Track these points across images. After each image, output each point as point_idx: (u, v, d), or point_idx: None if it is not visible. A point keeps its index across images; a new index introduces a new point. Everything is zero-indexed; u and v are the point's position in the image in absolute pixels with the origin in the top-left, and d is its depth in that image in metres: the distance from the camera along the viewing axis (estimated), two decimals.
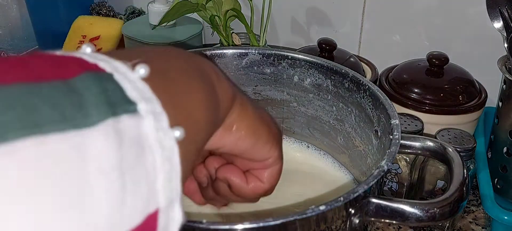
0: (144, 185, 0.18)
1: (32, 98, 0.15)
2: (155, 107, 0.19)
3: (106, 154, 0.17)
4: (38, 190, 0.15)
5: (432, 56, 0.62)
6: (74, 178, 0.16)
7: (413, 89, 0.61)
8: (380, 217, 0.35)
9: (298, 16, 0.79)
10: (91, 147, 0.16)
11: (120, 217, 0.17)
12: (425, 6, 0.71)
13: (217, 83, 0.26)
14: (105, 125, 0.17)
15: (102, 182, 0.16)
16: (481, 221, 0.56)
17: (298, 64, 0.52)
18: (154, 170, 0.18)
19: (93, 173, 0.16)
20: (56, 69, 0.17)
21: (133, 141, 0.18)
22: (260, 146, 0.31)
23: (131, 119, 0.18)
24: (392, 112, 0.42)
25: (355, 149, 0.50)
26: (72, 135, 0.16)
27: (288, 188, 0.50)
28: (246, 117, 0.29)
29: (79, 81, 0.17)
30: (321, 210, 0.32)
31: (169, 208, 0.19)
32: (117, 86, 0.18)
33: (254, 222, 0.30)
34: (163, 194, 0.19)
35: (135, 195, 0.17)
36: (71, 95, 0.16)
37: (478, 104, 0.61)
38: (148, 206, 0.18)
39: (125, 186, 0.17)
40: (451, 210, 0.35)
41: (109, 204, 0.16)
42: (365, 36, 0.76)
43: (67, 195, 0.15)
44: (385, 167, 0.36)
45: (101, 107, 0.17)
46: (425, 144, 0.41)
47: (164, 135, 0.19)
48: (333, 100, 0.51)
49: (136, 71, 0.19)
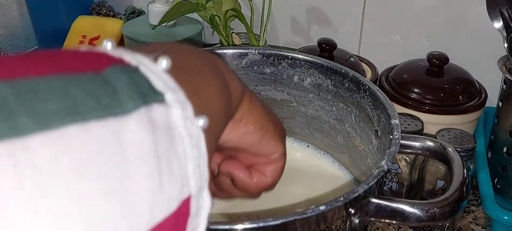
0: (178, 171, 0.18)
1: (72, 88, 0.16)
2: (180, 97, 0.20)
3: (142, 140, 0.17)
4: (85, 175, 0.15)
5: (432, 56, 0.62)
6: (116, 163, 0.16)
7: (413, 89, 0.61)
8: (380, 217, 0.35)
9: (298, 16, 0.79)
10: (129, 133, 0.17)
11: (160, 202, 0.17)
12: (425, 6, 0.71)
13: (228, 78, 0.27)
14: (138, 113, 0.17)
15: (141, 167, 0.17)
16: (481, 221, 0.56)
17: (298, 64, 0.52)
18: (185, 157, 0.19)
19: (133, 159, 0.17)
20: (86, 62, 0.18)
21: (164, 128, 0.18)
22: (266, 140, 0.31)
23: (161, 108, 0.18)
24: (392, 112, 0.42)
25: (355, 149, 0.50)
26: (111, 122, 0.16)
27: (288, 188, 0.50)
28: (254, 112, 0.30)
29: (109, 73, 0.18)
30: (321, 210, 0.32)
31: (199, 194, 0.20)
32: (143, 77, 0.19)
33: (254, 222, 0.30)
34: (194, 180, 0.19)
35: (171, 181, 0.18)
36: (105, 86, 0.17)
37: (478, 104, 0.61)
38: (182, 192, 0.19)
39: (161, 172, 0.18)
40: (451, 210, 0.35)
41: (148, 190, 0.17)
42: (365, 36, 0.76)
43: (110, 180, 0.16)
44: (385, 167, 0.36)
45: (133, 97, 0.18)
46: (425, 144, 0.41)
47: (191, 123, 0.20)
48: (333, 100, 0.51)
49: (159, 64, 0.20)
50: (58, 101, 0.15)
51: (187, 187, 0.19)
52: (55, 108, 0.15)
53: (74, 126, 0.15)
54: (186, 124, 0.19)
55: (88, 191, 0.15)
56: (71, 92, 0.16)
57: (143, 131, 0.17)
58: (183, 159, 0.19)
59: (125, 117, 0.17)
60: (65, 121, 0.15)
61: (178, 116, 0.19)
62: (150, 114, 0.18)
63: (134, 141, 0.17)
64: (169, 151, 0.18)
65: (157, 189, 0.17)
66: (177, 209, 0.18)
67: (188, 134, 0.19)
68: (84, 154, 0.15)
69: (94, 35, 0.79)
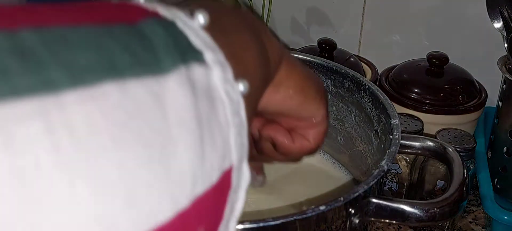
0: (220, 140, 0.17)
1: (106, 40, 0.14)
2: (220, 58, 0.18)
3: (184, 104, 0.16)
4: (125, 140, 0.14)
5: (432, 56, 0.62)
6: (157, 128, 0.15)
7: (413, 89, 0.61)
8: (380, 217, 0.35)
9: (298, 16, 0.79)
10: (169, 95, 0.15)
11: (201, 173, 0.16)
12: (425, 6, 0.71)
13: (266, 40, 0.25)
14: (178, 73, 0.16)
15: (183, 134, 0.15)
16: (481, 221, 0.56)
17: None
18: (226, 124, 0.17)
19: (173, 123, 0.15)
20: (121, 13, 0.16)
21: (204, 91, 0.17)
22: (308, 104, 0.29)
23: (201, 68, 0.17)
24: (392, 112, 0.42)
25: (355, 149, 0.50)
26: (149, 81, 0.15)
27: (288, 188, 0.50)
28: (294, 75, 0.28)
29: (145, 26, 0.16)
30: (321, 210, 0.32)
31: (240, 165, 0.18)
32: (181, 33, 0.17)
33: (254, 222, 0.30)
34: (235, 150, 0.18)
35: (213, 150, 0.17)
36: (141, 40, 0.15)
37: (478, 104, 0.61)
38: (224, 163, 0.17)
39: (203, 140, 0.16)
40: (451, 210, 0.35)
41: (191, 159, 0.15)
42: (365, 36, 0.76)
43: (151, 147, 0.14)
44: (385, 167, 0.36)
45: (172, 53, 0.16)
46: (425, 144, 0.41)
47: (231, 87, 0.18)
48: (333, 100, 0.51)
49: (196, 19, 0.18)
50: (92, 54, 0.13)
51: (228, 158, 0.17)
52: (88, 61, 0.13)
53: (110, 83, 0.13)
54: (226, 88, 0.18)
55: (128, 158, 0.14)
56: (105, 45, 0.14)
57: (184, 93, 0.16)
58: (225, 126, 0.17)
59: (164, 76, 0.15)
60: (100, 77, 0.13)
61: (218, 78, 0.17)
62: (190, 75, 0.16)
63: (175, 104, 0.15)
64: (210, 117, 0.17)
65: (199, 158, 0.16)
66: (219, 181, 0.17)
67: (229, 99, 0.18)
68: (122, 116, 0.14)
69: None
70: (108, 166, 0.13)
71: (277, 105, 0.28)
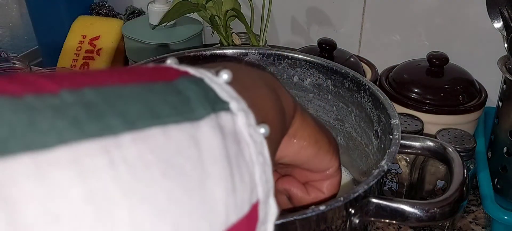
0: (247, 176, 0.19)
1: (150, 95, 0.18)
2: (243, 106, 0.21)
3: (215, 144, 0.18)
4: (169, 174, 0.16)
5: (432, 56, 0.62)
6: (194, 164, 0.17)
7: (413, 89, 0.61)
8: (380, 217, 0.35)
9: (298, 16, 0.79)
10: (203, 137, 0.18)
11: (234, 204, 0.18)
12: (425, 6, 0.71)
13: (280, 93, 0.27)
14: (209, 119, 0.19)
15: (216, 168, 0.18)
16: (481, 221, 0.56)
17: (298, 64, 0.52)
18: (252, 162, 0.20)
19: (208, 160, 0.18)
20: (159, 73, 0.20)
21: (232, 134, 0.19)
22: (321, 155, 0.31)
23: (228, 115, 0.20)
24: (392, 112, 0.42)
25: (355, 149, 0.50)
26: (186, 126, 0.18)
27: None
28: (307, 127, 0.29)
29: (179, 83, 0.19)
30: (321, 210, 0.32)
31: (266, 199, 0.21)
32: (209, 88, 0.20)
33: None
34: (261, 186, 0.20)
35: (242, 184, 0.19)
36: (178, 94, 0.19)
37: (478, 104, 0.61)
38: (252, 197, 0.20)
39: (233, 175, 0.19)
40: (451, 210, 0.35)
41: (224, 191, 0.18)
42: (365, 36, 0.76)
43: (191, 180, 0.17)
44: (385, 167, 0.36)
45: (203, 104, 0.19)
46: (425, 144, 0.41)
47: (254, 130, 0.21)
48: (333, 100, 0.51)
49: (221, 76, 0.21)
50: (140, 106, 0.17)
51: (255, 192, 0.20)
52: (138, 111, 0.17)
53: (156, 128, 0.17)
54: (250, 131, 0.20)
55: (174, 188, 0.16)
56: (150, 99, 0.17)
57: (215, 135, 0.18)
58: (251, 164, 0.20)
59: (198, 122, 0.18)
60: (148, 123, 0.16)
61: (243, 123, 0.20)
62: (219, 121, 0.19)
63: (208, 144, 0.18)
64: (238, 156, 0.19)
65: (231, 191, 0.18)
66: (248, 212, 0.19)
67: (253, 140, 0.20)
68: (166, 153, 0.16)
69: (94, 35, 0.79)
70: (159, 194, 0.16)
71: (292, 156, 0.30)
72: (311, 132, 0.30)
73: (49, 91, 0.15)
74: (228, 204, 0.18)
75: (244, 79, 0.24)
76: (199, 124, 0.18)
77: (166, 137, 0.17)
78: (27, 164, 0.13)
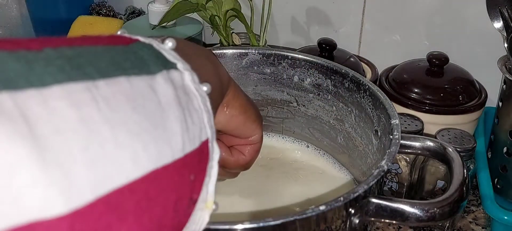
0: (196, 119, 0.24)
1: (113, 53, 0.22)
2: (188, 68, 0.25)
3: (169, 93, 0.23)
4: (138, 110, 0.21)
5: (432, 56, 0.62)
6: (155, 106, 0.22)
7: (413, 89, 0.61)
8: (380, 217, 0.35)
9: (298, 16, 0.79)
10: (159, 87, 0.22)
11: (188, 138, 0.23)
12: (425, 6, 0.71)
13: (219, 66, 0.32)
14: (162, 74, 0.23)
15: (172, 110, 0.22)
16: (481, 221, 0.56)
17: (298, 64, 0.52)
18: (200, 109, 0.25)
19: (165, 104, 0.22)
20: (115, 40, 0.24)
21: (181, 88, 0.24)
22: (249, 124, 0.37)
23: (176, 72, 0.24)
24: (392, 112, 0.42)
25: (355, 149, 0.50)
26: (145, 78, 0.22)
27: (288, 188, 0.50)
28: (239, 98, 0.35)
29: (134, 47, 0.24)
30: (321, 210, 0.32)
31: (212, 139, 0.25)
32: (158, 51, 0.25)
33: (254, 222, 0.30)
34: (208, 127, 0.25)
35: (193, 125, 0.24)
36: (134, 54, 0.23)
37: (478, 104, 0.61)
38: (201, 135, 0.24)
39: (185, 116, 0.23)
40: (451, 210, 0.35)
41: (179, 127, 0.23)
42: (365, 36, 0.76)
43: (154, 116, 0.21)
44: (385, 167, 0.36)
45: (156, 63, 0.24)
46: (425, 144, 0.41)
47: (199, 87, 0.25)
48: (333, 100, 0.51)
49: (166, 44, 0.26)
50: (107, 61, 0.21)
51: (204, 131, 0.25)
52: (106, 64, 0.21)
53: (122, 77, 0.21)
54: (196, 86, 0.25)
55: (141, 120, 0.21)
56: (114, 56, 0.22)
57: (168, 86, 0.23)
58: (199, 111, 0.24)
59: (153, 75, 0.23)
60: (115, 73, 0.21)
61: (189, 79, 0.25)
62: (170, 76, 0.24)
63: (164, 92, 0.23)
64: (188, 103, 0.24)
65: (185, 128, 0.23)
66: (199, 146, 0.24)
67: (199, 94, 0.25)
68: (132, 95, 0.21)
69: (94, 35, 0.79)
70: (131, 124, 0.20)
71: (224, 123, 0.35)
72: (241, 103, 0.35)
73: (35, 49, 0.19)
74: (184, 137, 0.23)
75: (187, 49, 0.28)
76: (155, 77, 0.23)
77: (130, 84, 0.21)
78: (34, 95, 0.17)
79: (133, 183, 0.20)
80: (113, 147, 0.19)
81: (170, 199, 0.22)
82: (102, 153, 0.19)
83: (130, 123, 0.20)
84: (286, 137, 0.57)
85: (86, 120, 0.18)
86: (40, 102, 0.17)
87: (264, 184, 0.51)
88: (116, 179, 0.19)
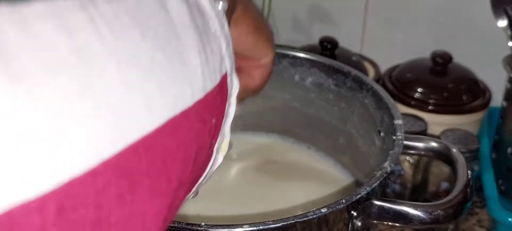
0: (215, 46, 0.20)
1: None
2: None
3: (183, 12, 0.18)
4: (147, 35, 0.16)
5: (436, 55, 0.62)
6: (168, 29, 0.17)
7: (416, 89, 0.61)
8: (383, 220, 0.35)
9: (299, 13, 0.78)
10: (170, 3, 0.18)
11: (208, 72, 0.19)
12: (429, 4, 0.70)
13: None
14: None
15: (188, 36, 0.18)
16: (486, 223, 0.55)
17: (299, 63, 0.51)
18: (218, 35, 0.21)
19: (179, 26, 0.18)
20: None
21: (195, 6, 0.19)
22: (260, 44, 0.33)
23: None
24: (395, 112, 0.42)
25: (357, 150, 0.49)
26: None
27: (289, 190, 0.50)
28: (249, 15, 0.31)
29: None
30: (322, 212, 0.31)
31: (231, 72, 0.21)
32: None
33: (254, 224, 0.30)
34: (227, 58, 0.21)
35: (212, 54, 0.19)
36: None
37: (483, 104, 0.61)
38: (222, 67, 0.20)
39: (204, 44, 0.19)
40: (455, 212, 0.35)
41: (198, 58, 0.18)
42: (367, 35, 0.76)
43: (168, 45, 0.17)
44: (388, 168, 0.36)
45: None
46: (429, 145, 0.41)
47: (215, 3, 0.21)
48: (335, 100, 0.51)
49: None
50: None
51: (224, 64, 0.21)
52: None
53: None
54: (211, 3, 0.21)
55: (154, 51, 0.16)
56: None
57: (181, 3, 0.18)
58: (217, 36, 0.20)
59: None
60: None
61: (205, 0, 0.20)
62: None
63: (177, 11, 0.18)
64: (205, 27, 0.19)
65: (204, 60, 0.19)
66: (220, 82, 0.20)
67: (216, 13, 0.21)
68: (140, 16, 0.16)
69: None
70: (142, 57, 0.16)
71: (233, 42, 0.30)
72: (252, 20, 0.31)
73: None
74: (204, 71, 0.19)
75: None
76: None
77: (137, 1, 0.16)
78: (7, 13, 0.12)
79: (148, 137, 0.15)
80: (121, 89, 0.15)
81: (190, 151, 0.18)
82: (107, 100, 0.14)
83: (141, 57, 0.16)
84: (286, 138, 0.56)
85: (83, 50, 0.14)
86: (15, 23, 0.12)
87: (264, 186, 0.50)
88: (126, 134, 0.15)
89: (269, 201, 0.48)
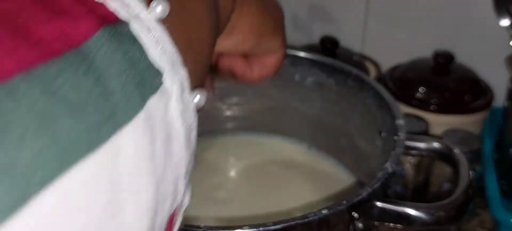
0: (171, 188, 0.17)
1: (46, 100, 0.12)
2: (179, 72, 0.17)
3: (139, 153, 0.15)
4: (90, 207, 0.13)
5: (438, 55, 0.62)
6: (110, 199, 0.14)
7: (418, 89, 0.61)
8: (384, 221, 0.35)
9: (300, 12, 0.78)
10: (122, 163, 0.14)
11: None
12: (431, 4, 0.70)
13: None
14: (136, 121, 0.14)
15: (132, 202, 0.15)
16: (488, 224, 0.55)
17: (300, 62, 0.51)
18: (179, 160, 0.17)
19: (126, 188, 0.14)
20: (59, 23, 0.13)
21: (162, 125, 0.16)
22: (264, 41, 0.30)
23: (159, 100, 0.16)
24: (396, 112, 0.41)
25: (359, 150, 0.49)
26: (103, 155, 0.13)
27: (289, 191, 0.50)
28: (247, 17, 0.28)
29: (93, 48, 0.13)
30: (323, 213, 0.31)
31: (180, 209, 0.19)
32: (138, 47, 0.15)
33: (254, 226, 0.30)
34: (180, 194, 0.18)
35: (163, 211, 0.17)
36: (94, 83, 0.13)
37: (485, 104, 0.61)
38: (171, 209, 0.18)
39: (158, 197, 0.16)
40: (457, 213, 0.35)
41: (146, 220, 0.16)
42: (369, 34, 0.76)
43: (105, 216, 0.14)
44: (389, 169, 0.36)
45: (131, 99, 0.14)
46: (431, 145, 0.41)
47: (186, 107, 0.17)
48: (335, 100, 0.50)
49: (152, 9, 0.16)
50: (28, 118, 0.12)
51: (175, 201, 0.18)
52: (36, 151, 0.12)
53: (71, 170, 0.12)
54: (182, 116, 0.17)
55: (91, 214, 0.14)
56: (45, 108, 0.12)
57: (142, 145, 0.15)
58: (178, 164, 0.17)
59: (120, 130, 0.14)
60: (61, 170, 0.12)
61: (176, 110, 0.16)
62: (149, 114, 0.15)
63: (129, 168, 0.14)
64: (166, 159, 0.16)
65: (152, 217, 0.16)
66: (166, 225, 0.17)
67: (184, 127, 0.17)
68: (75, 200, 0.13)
69: None
70: None
71: (232, 48, 0.29)
72: (252, 21, 0.28)
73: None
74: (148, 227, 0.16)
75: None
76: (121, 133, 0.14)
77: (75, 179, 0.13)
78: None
79: None
80: None
81: None
82: None
83: None
84: (287, 138, 0.56)
85: None
86: None
87: (264, 186, 0.50)
88: None
89: (269, 202, 0.47)
